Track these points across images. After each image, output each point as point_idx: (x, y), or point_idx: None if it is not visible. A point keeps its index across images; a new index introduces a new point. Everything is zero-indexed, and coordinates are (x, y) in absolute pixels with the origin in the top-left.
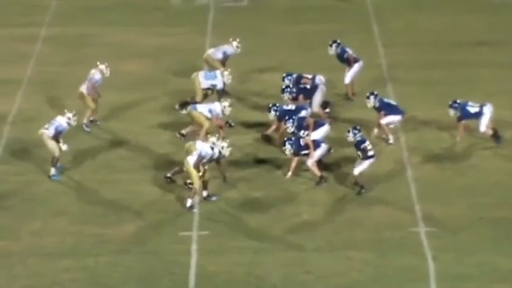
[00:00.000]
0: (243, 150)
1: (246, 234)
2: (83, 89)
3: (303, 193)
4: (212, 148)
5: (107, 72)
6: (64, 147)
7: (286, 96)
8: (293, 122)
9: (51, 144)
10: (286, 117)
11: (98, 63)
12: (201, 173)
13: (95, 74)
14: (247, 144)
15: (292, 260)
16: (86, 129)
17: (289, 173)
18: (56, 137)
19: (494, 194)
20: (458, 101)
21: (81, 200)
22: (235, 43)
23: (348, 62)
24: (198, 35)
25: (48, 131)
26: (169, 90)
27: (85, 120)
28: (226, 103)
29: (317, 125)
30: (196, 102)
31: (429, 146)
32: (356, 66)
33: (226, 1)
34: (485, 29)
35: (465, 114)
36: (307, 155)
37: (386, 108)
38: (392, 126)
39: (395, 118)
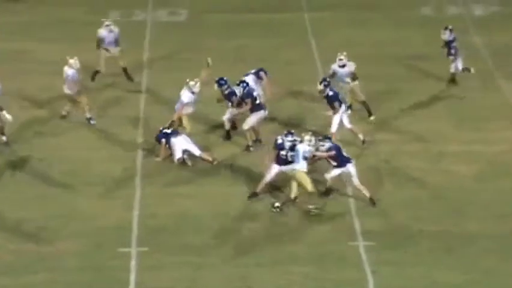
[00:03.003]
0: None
1: (186, 249)
2: (66, 90)
3: (243, 208)
4: None
5: (76, 64)
6: (9, 117)
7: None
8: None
9: None
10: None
11: (67, 57)
12: None
13: (68, 71)
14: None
15: (234, 275)
16: (91, 122)
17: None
18: None
19: (433, 207)
20: None
21: (18, 216)
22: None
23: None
24: (136, 51)
25: None
26: (106, 106)
27: (87, 115)
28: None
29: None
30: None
31: (368, 160)
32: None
33: (163, 16)
34: (422, 44)
35: None
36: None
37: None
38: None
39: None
